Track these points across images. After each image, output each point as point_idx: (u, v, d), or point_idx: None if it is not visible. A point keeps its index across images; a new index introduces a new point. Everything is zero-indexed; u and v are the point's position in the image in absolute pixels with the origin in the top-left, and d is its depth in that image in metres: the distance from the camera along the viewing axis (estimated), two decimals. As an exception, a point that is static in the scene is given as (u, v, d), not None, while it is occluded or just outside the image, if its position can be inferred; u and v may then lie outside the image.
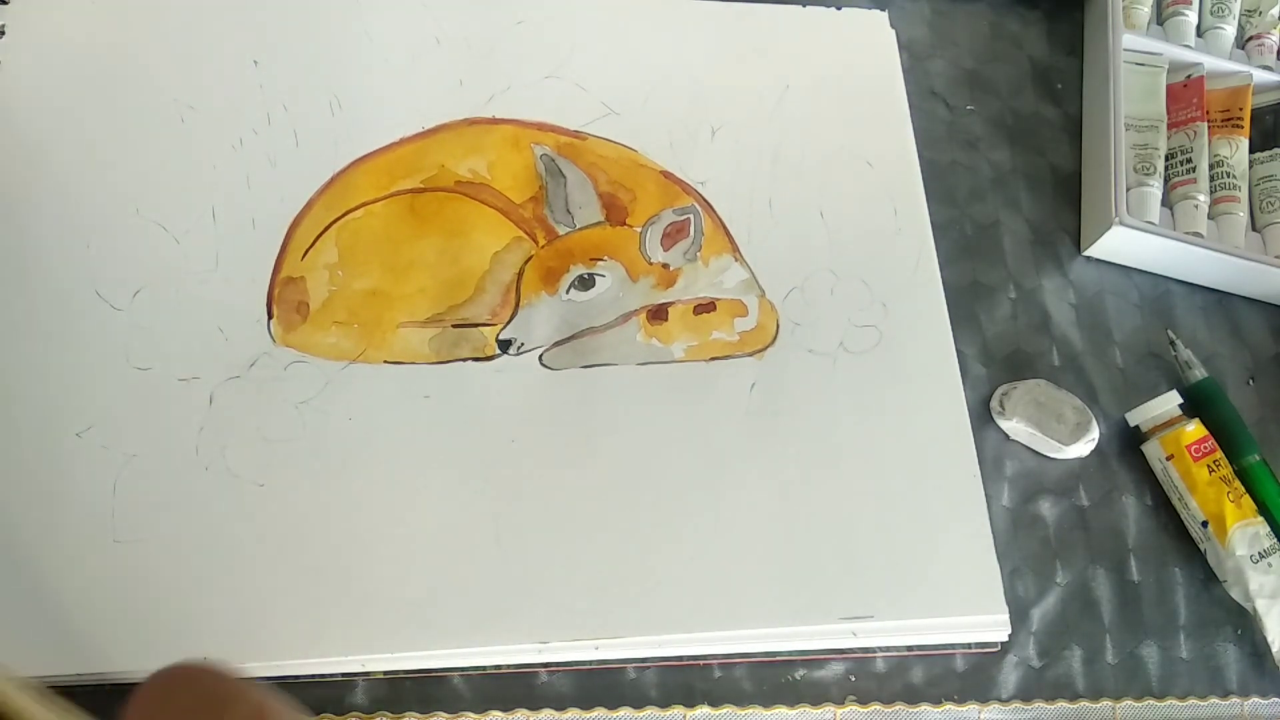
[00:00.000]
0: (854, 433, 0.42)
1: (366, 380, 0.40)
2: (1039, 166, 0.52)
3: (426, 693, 0.36)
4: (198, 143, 0.43)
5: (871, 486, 0.41)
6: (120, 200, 0.41)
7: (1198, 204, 0.50)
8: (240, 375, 0.39)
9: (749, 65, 0.50)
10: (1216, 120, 0.53)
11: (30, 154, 0.42)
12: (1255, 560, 0.42)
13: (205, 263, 0.41)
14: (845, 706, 0.38)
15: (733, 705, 0.38)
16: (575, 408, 0.40)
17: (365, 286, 0.41)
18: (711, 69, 0.49)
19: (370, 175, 0.44)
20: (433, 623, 0.36)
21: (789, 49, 0.51)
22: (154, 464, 0.37)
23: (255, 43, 0.45)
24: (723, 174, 0.46)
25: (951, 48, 0.54)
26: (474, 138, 0.45)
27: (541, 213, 0.44)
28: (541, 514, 0.38)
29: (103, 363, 0.38)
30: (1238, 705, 0.43)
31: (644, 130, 0.47)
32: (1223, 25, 0.55)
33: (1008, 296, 0.48)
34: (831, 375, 0.43)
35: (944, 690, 0.39)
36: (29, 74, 0.43)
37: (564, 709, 0.36)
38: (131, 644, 0.34)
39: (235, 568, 0.35)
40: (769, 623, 0.38)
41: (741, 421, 0.41)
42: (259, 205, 0.42)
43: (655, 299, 0.43)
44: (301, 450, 0.38)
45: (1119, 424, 0.47)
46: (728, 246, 0.45)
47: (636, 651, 0.37)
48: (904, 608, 0.38)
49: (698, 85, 0.49)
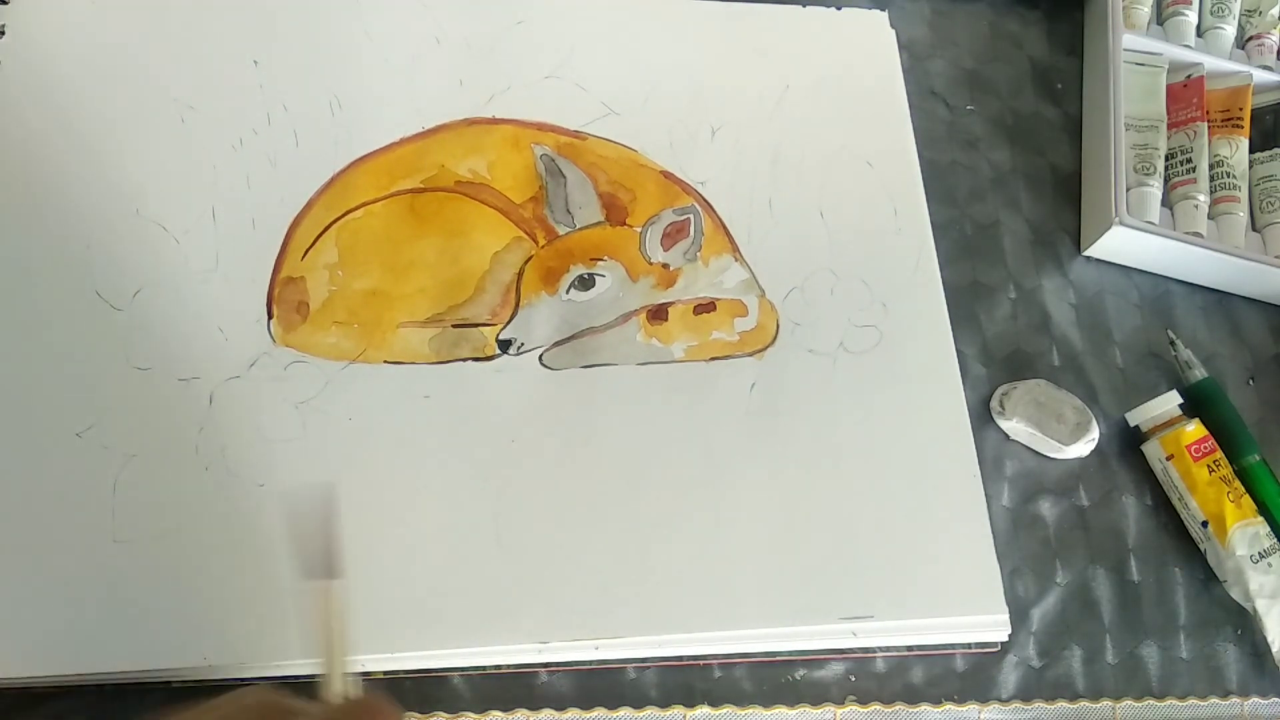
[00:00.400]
0: (854, 433, 0.42)
1: (366, 380, 0.40)
2: (1039, 166, 0.52)
3: (426, 693, 0.36)
4: (198, 143, 0.43)
5: (871, 486, 0.41)
6: (120, 200, 0.41)
7: (1198, 204, 0.50)
8: (240, 375, 0.39)
9: (749, 65, 0.50)
10: (1216, 120, 0.53)
11: (30, 154, 0.42)
12: (1255, 560, 0.42)
13: (205, 263, 0.41)
14: (845, 706, 0.38)
15: (733, 705, 0.38)
16: (575, 408, 0.40)
17: (365, 286, 0.41)
18: (711, 69, 0.49)
19: (370, 175, 0.44)
20: (433, 623, 0.36)
21: (789, 49, 0.51)
22: (154, 464, 0.37)
23: (255, 43, 0.45)
24: (723, 174, 0.46)
25: (951, 48, 0.54)
26: (474, 138, 0.45)
27: (541, 213, 0.44)
28: (541, 514, 0.38)
29: (103, 363, 0.38)
30: (1238, 705, 0.43)
31: (644, 130, 0.47)
32: (1223, 25, 0.55)
33: (1008, 296, 0.48)
34: (831, 375, 0.43)
35: (944, 690, 0.39)
36: (29, 74, 0.43)
37: (564, 709, 0.36)
38: (131, 644, 0.34)
39: (235, 568, 0.35)
40: (769, 623, 0.38)
41: (741, 421, 0.41)
42: (259, 205, 0.42)
43: (655, 299, 0.43)
44: (301, 450, 0.38)
45: (1119, 424, 0.47)
46: (728, 246, 0.45)
47: (636, 651, 0.37)
48: (904, 608, 0.38)
49: (698, 85, 0.49)
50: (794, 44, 0.51)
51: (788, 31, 0.51)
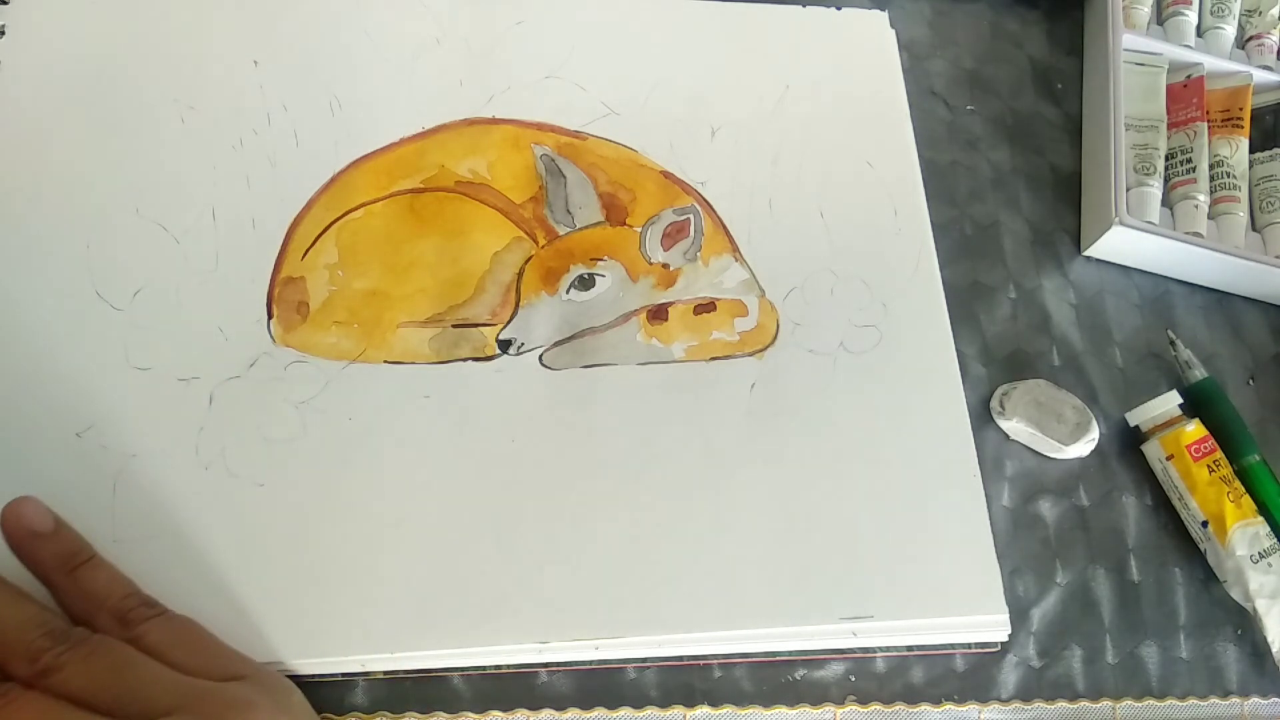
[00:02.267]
0: (854, 433, 0.42)
1: (366, 380, 0.40)
2: (1039, 166, 0.52)
3: (426, 693, 0.36)
4: (198, 143, 0.43)
5: (871, 486, 0.41)
6: (120, 200, 0.41)
7: (1198, 204, 0.50)
8: (240, 375, 0.39)
9: (749, 65, 0.50)
10: (1216, 120, 0.53)
11: (30, 154, 0.42)
12: (1255, 560, 0.42)
13: (205, 263, 0.41)
14: (845, 706, 0.38)
15: (733, 705, 0.38)
16: (575, 408, 0.40)
17: (365, 286, 0.41)
18: (711, 69, 0.49)
19: (370, 175, 0.44)
20: (433, 623, 0.36)
21: (789, 49, 0.51)
22: (154, 464, 0.37)
23: (255, 43, 0.45)
24: (723, 174, 0.46)
25: (951, 48, 0.54)
26: (474, 138, 0.45)
27: (541, 213, 0.44)
28: (541, 514, 0.38)
29: (103, 363, 0.38)
30: (1238, 705, 0.43)
31: (644, 130, 0.47)
32: (1223, 25, 0.55)
33: (1008, 296, 0.48)
34: (831, 375, 0.43)
35: (944, 690, 0.39)
36: (29, 74, 0.43)
37: (564, 709, 0.36)
38: (131, 644, 0.34)
39: (235, 568, 0.35)
40: (769, 623, 0.38)
41: (741, 421, 0.41)
42: (259, 205, 0.42)
43: (655, 299, 0.43)
44: (301, 450, 0.38)
45: (1119, 424, 0.47)
46: (728, 246, 0.45)
47: (636, 651, 0.37)
48: (904, 608, 0.38)
49: (698, 85, 0.49)
50: (794, 44, 0.51)
51: (788, 31, 0.51)
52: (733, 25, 0.51)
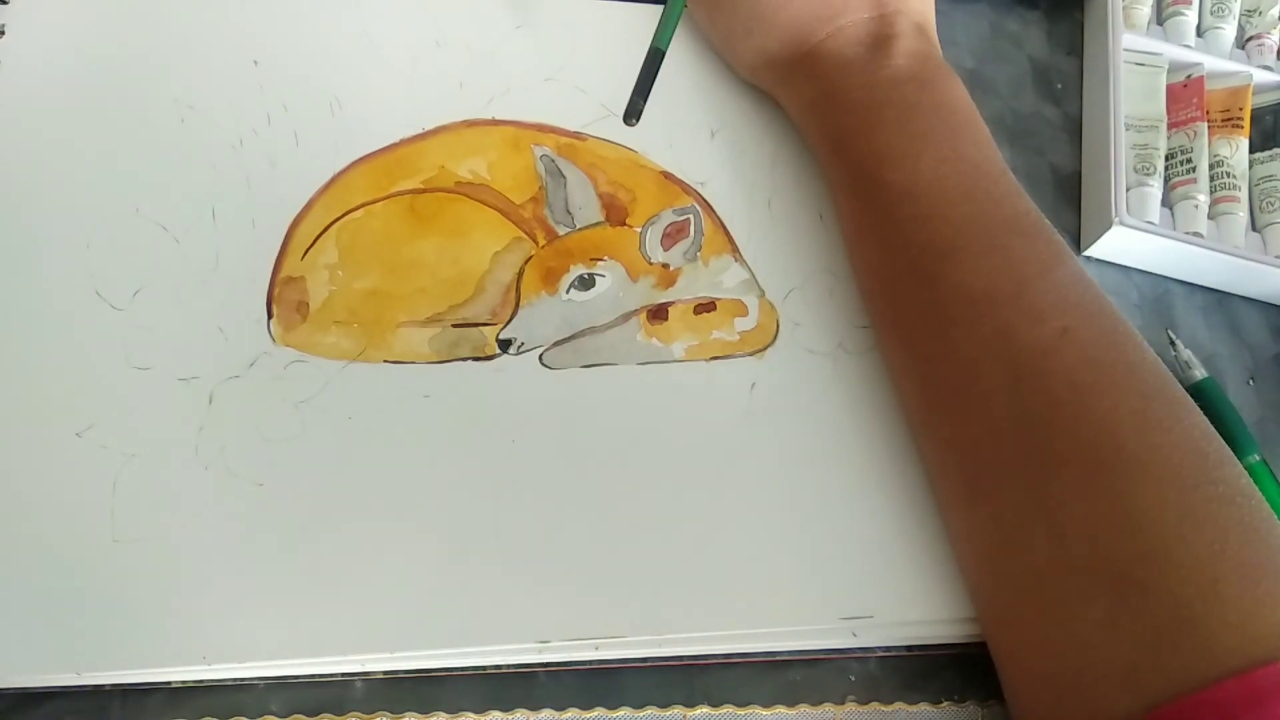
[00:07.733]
0: (854, 432, 0.42)
1: (366, 380, 0.40)
2: (1039, 166, 0.52)
3: (426, 693, 0.36)
4: (198, 143, 0.43)
5: (872, 486, 0.40)
6: (120, 200, 0.41)
7: (1198, 204, 0.50)
8: (240, 375, 0.39)
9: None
10: (1216, 120, 0.53)
11: (30, 153, 0.42)
12: (1255, 560, 0.42)
13: (205, 263, 0.41)
14: (845, 706, 0.38)
15: (733, 705, 0.38)
16: (575, 408, 0.40)
17: (365, 286, 0.41)
18: (711, 70, 0.49)
19: (370, 176, 0.44)
20: (433, 623, 0.36)
21: (789, 49, 0.51)
22: (154, 464, 0.37)
23: (255, 43, 0.46)
24: (723, 174, 0.46)
25: (951, 48, 0.54)
26: (474, 139, 0.45)
27: (541, 213, 0.44)
28: (541, 514, 0.38)
29: (103, 363, 0.38)
30: (1238, 705, 0.43)
31: (644, 131, 0.47)
32: (1223, 25, 0.55)
33: (1008, 296, 0.48)
34: (831, 375, 0.43)
35: (944, 690, 0.39)
36: (29, 74, 0.43)
37: (564, 709, 0.36)
38: (131, 644, 0.34)
39: (235, 568, 0.35)
40: (769, 623, 0.38)
41: (741, 421, 0.41)
42: (259, 205, 0.42)
43: (655, 299, 0.43)
44: (301, 450, 0.38)
45: (1119, 424, 0.47)
46: (728, 246, 0.45)
47: (636, 651, 0.37)
48: (904, 608, 0.38)
49: (697, 86, 0.49)
50: (794, 44, 0.51)
51: (788, 32, 0.51)
52: (733, 25, 0.51)
